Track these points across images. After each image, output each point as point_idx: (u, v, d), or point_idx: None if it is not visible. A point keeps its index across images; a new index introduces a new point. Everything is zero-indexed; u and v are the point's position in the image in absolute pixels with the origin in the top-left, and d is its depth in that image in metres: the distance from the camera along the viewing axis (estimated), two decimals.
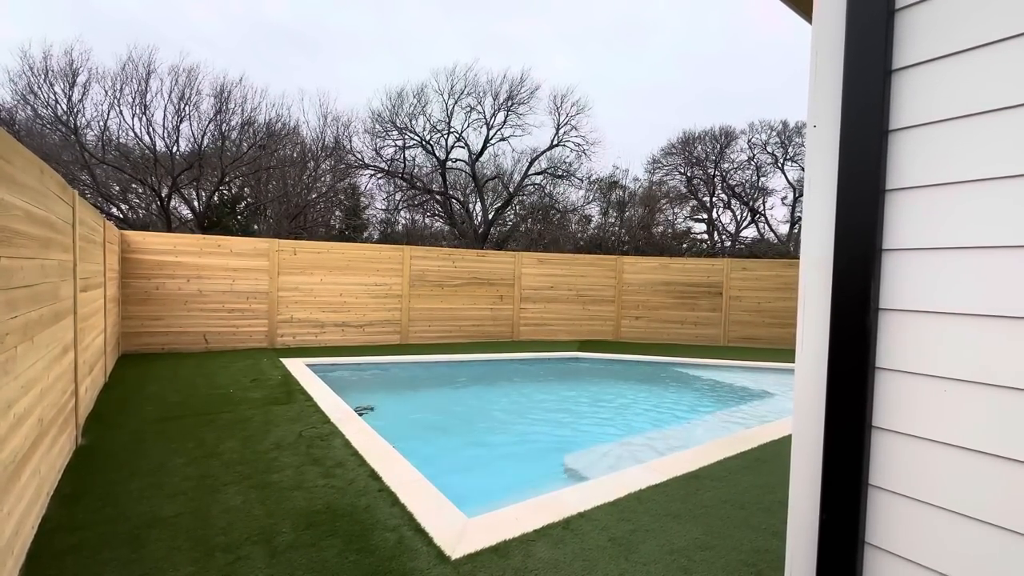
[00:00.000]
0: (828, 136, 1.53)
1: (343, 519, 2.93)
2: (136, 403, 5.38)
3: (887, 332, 1.45)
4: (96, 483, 3.40)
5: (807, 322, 1.59)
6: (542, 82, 22.07)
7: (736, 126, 24.93)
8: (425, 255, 10.71)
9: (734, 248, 24.54)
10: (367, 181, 21.29)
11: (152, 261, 8.51)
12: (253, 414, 5.05)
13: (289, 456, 3.93)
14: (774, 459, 4.20)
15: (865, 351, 1.46)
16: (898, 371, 1.43)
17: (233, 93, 16.78)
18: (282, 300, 9.39)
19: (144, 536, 2.74)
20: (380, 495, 3.24)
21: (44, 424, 2.96)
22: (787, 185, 24.95)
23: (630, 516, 3.09)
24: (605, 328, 11.94)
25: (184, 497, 3.19)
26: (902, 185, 1.41)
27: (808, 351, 1.58)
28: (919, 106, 1.37)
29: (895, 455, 1.43)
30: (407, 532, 2.81)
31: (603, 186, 23.80)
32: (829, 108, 1.52)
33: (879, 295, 1.46)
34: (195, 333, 8.78)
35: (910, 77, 1.39)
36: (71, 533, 2.78)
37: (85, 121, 15.62)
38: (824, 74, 1.53)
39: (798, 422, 1.60)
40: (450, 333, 10.85)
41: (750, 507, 3.28)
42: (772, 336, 11.49)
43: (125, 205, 16.85)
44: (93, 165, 15.42)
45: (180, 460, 3.82)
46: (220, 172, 16.58)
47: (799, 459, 1.60)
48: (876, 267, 1.45)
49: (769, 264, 12.00)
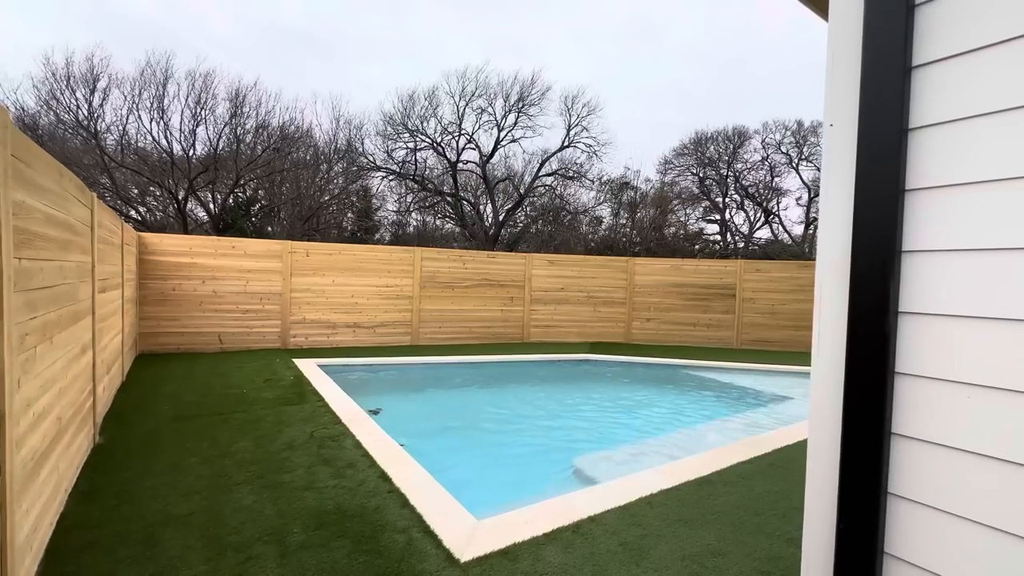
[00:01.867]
0: (845, 135, 1.49)
1: (353, 520, 2.94)
2: (152, 402, 5.47)
3: (907, 336, 1.41)
4: (112, 481, 3.46)
5: (824, 325, 1.55)
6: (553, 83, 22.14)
7: (749, 126, 24.69)
8: (436, 256, 10.75)
9: (747, 249, 24.25)
10: (379, 183, 21.47)
11: (169, 263, 8.65)
12: (266, 414, 5.10)
13: (301, 456, 3.96)
14: (789, 464, 4.13)
15: (884, 355, 1.42)
16: (918, 376, 1.39)
17: (248, 97, 17.05)
18: (295, 301, 9.49)
19: (158, 534, 2.78)
20: (390, 496, 3.25)
21: (63, 423, 3.02)
22: (802, 185, 24.63)
23: (641, 521, 3.06)
24: (616, 330, 11.87)
25: (198, 496, 3.23)
26: (922, 185, 1.37)
27: (825, 355, 1.55)
28: (941, 103, 1.33)
29: (915, 463, 1.39)
30: (416, 534, 2.81)
31: (614, 187, 23.69)
32: (846, 106, 1.49)
33: (899, 298, 1.42)
34: (210, 333, 8.91)
35: (931, 74, 1.35)
36: (88, 530, 2.82)
37: (105, 126, 15.98)
38: (841, 72, 1.50)
39: (814, 428, 1.56)
40: (460, 334, 10.86)
41: (764, 513, 3.23)
42: (786, 339, 11.32)
43: (143, 208, 17.19)
44: (113, 169, 15.77)
45: (194, 459, 3.87)
46: (235, 175, 16.84)
47: (815, 466, 1.56)
48: (895, 269, 1.41)
49: (783, 265, 11.83)
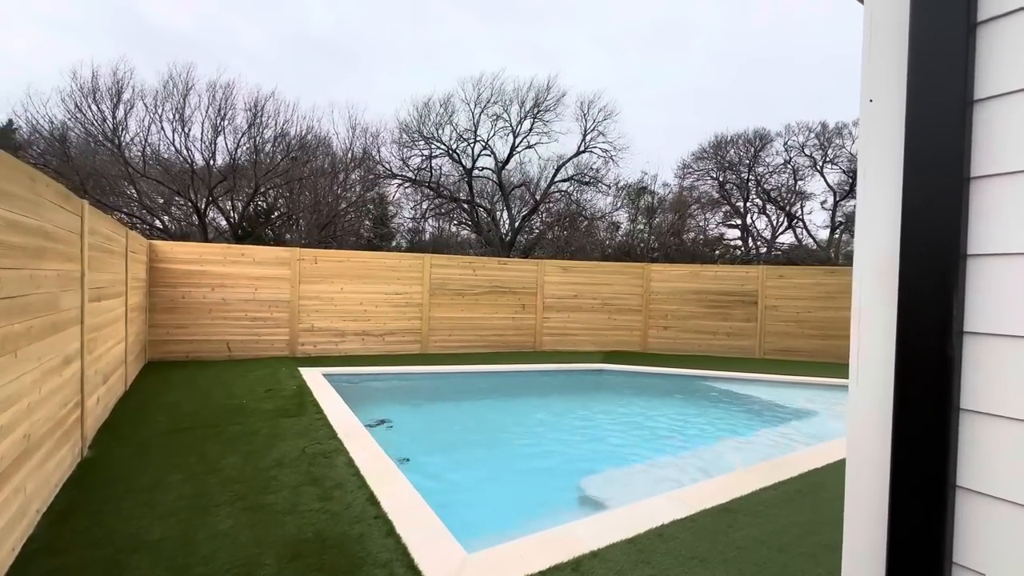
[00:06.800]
0: (889, 112, 1.20)
1: (331, 551, 2.70)
2: (150, 413, 5.35)
3: (974, 363, 1.11)
4: (90, 500, 3.30)
5: (864, 347, 1.25)
6: (569, 88, 21.85)
7: (771, 129, 24.01)
8: (446, 263, 10.56)
9: (770, 255, 23.49)
10: (395, 191, 21.49)
11: (179, 270, 8.65)
12: (261, 427, 4.93)
13: (288, 475, 3.75)
14: (818, 491, 3.74)
15: (945, 387, 1.11)
16: (990, 415, 1.09)
17: (266, 106, 17.26)
18: (303, 309, 9.39)
19: (124, 562, 2.58)
20: (375, 523, 3.00)
21: (32, 440, 2.87)
22: (827, 189, 23.80)
23: (650, 557, 2.74)
24: (631, 338, 11.47)
25: (174, 519, 3.03)
26: (994, 171, 1.07)
27: (866, 384, 1.25)
28: (1021, 63, 1.03)
29: (988, 526, 1.08)
30: (398, 569, 2.55)
31: (631, 192, 23.26)
32: (891, 76, 1.19)
33: (963, 314, 1.12)
34: (218, 341, 8.86)
35: (1006, 28, 1.05)
36: (53, 556, 2.65)
37: (129, 137, 16.35)
38: (882, 32, 1.21)
39: (854, 477, 1.26)
40: (471, 342, 10.62)
41: (790, 550, 2.87)
42: (813, 348, 10.76)
43: (168, 217, 17.52)
44: (137, 179, 16.11)
45: (179, 476, 3.69)
46: (254, 184, 17.03)
47: (857, 523, 1.25)
48: (958, 278, 1.11)
49: (809, 271, 11.29)
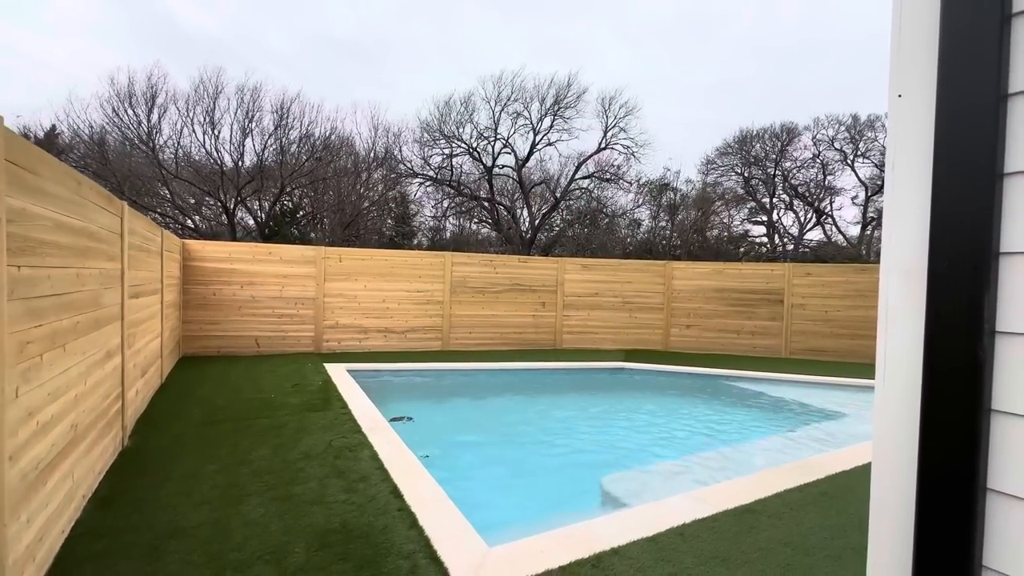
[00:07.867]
0: (919, 107, 1.18)
1: (358, 541, 2.78)
2: (186, 406, 5.57)
3: (1007, 364, 1.08)
4: (131, 487, 3.47)
5: (891, 347, 1.24)
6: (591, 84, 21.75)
7: (799, 122, 23.34)
8: (466, 261, 10.65)
9: (797, 252, 22.89)
10: (416, 189, 21.72)
11: (210, 268, 8.95)
12: (288, 420, 5.08)
13: (315, 467, 3.86)
14: (845, 495, 3.66)
15: (976, 388, 1.09)
16: (1022, 416, 1.06)
17: (292, 108, 17.67)
18: (328, 306, 9.61)
19: (163, 547, 2.71)
20: (399, 515, 3.08)
21: (79, 429, 3.03)
22: (858, 184, 23.03)
23: (671, 556, 2.73)
24: (653, 337, 11.36)
25: (208, 507, 3.17)
26: None
27: (893, 385, 1.23)
28: None
29: (1020, 529, 1.06)
30: (422, 560, 2.61)
31: (653, 189, 22.95)
32: (921, 69, 1.17)
33: (995, 314, 1.10)
34: (247, 337, 9.15)
35: None
36: (97, 539, 2.80)
37: (162, 140, 16.97)
38: (914, 25, 1.18)
39: (880, 479, 1.25)
40: (491, 340, 10.69)
41: (815, 553, 2.83)
42: (841, 348, 10.46)
43: (198, 216, 18.12)
44: (170, 180, 16.71)
45: (212, 466, 3.84)
46: (280, 184, 17.47)
47: (882, 526, 1.24)
48: (991, 276, 1.08)
49: (838, 269, 10.97)
